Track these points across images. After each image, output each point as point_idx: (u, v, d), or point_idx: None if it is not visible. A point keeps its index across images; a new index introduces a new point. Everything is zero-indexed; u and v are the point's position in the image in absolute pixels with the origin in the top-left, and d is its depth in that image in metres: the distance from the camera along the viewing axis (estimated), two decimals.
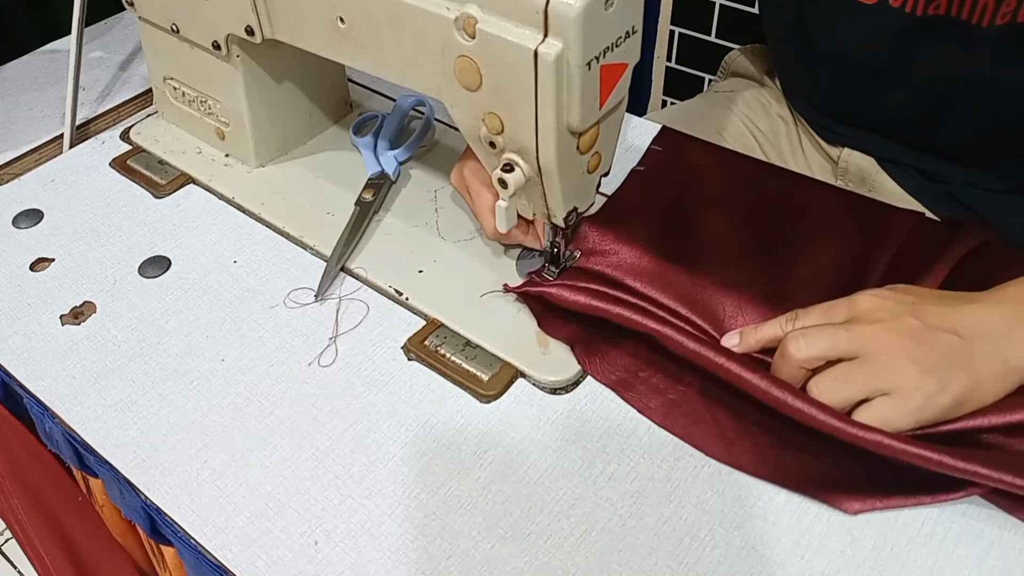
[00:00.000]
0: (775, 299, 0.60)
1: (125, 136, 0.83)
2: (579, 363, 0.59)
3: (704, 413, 0.56)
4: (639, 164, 0.73)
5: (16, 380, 0.62)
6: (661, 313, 0.59)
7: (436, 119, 0.81)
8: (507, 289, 0.63)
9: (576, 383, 0.60)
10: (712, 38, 1.32)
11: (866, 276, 0.62)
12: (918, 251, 0.63)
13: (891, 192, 0.82)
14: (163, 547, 0.61)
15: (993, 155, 0.76)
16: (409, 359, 0.62)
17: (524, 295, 0.63)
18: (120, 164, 0.79)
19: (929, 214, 0.76)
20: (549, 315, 0.62)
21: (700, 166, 0.73)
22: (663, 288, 0.61)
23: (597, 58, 0.50)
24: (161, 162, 0.79)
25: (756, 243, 0.65)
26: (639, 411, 0.57)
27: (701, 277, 0.62)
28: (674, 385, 0.58)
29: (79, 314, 0.66)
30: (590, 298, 0.60)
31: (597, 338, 0.60)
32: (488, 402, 0.59)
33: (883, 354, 0.51)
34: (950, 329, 0.51)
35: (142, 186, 0.77)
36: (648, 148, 0.75)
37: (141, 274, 0.69)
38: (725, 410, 0.56)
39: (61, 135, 0.83)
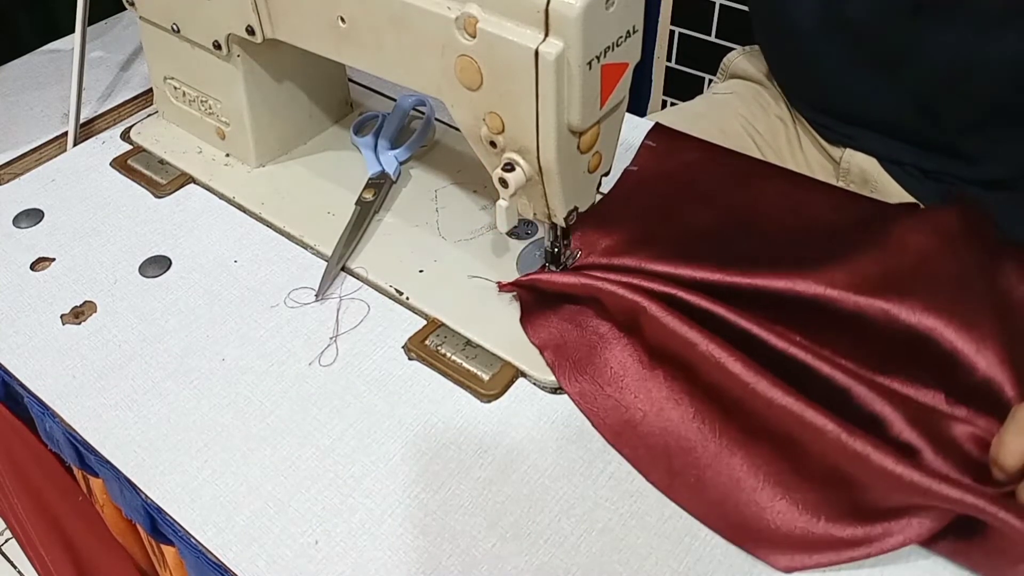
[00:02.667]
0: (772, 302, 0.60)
1: (125, 136, 0.83)
2: (549, 367, 0.59)
3: (657, 440, 0.55)
4: (632, 164, 0.73)
5: (16, 380, 0.62)
6: (652, 286, 0.58)
7: (436, 119, 0.81)
8: (501, 287, 0.63)
9: None
10: (712, 38, 1.32)
11: None
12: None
13: (893, 193, 0.82)
14: (163, 546, 0.61)
15: (995, 140, 0.76)
16: (409, 359, 0.62)
17: (515, 285, 0.63)
18: (120, 164, 0.79)
19: None
20: (533, 312, 0.62)
21: (693, 163, 0.72)
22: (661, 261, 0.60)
23: (598, 58, 0.50)
24: (161, 162, 0.79)
25: (750, 243, 0.65)
26: (593, 425, 0.57)
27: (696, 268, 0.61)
28: (636, 406, 0.57)
29: (79, 314, 0.66)
30: (580, 278, 0.59)
31: (571, 345, 0.60)
32: (488, 402, 0.59)
33: None
34: None
35: (142, 186, 0.77)
36: (641, 144, 0.74)
37: (141, 274, 0.69)
38: (679, 445, 0.55)
39: (62, 135, 0.83)
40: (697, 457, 0.55)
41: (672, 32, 1.34)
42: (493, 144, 0.56)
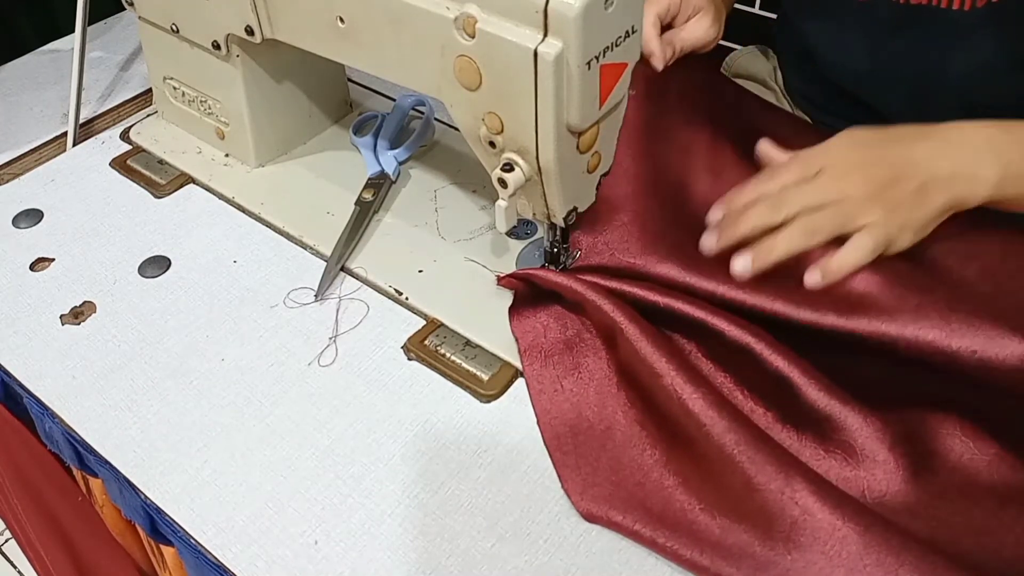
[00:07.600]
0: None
1: (125, 136, 0.83)
2: (519, 353, 0.59)
3: (592, 452, 0.55)
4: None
5: (16, 380, 0.62)
6: (641, 293, 0.58)
7: (436, 119, 0.81)
8: (500, 281, 0.63)
9: None
10: None
11: None
12: None
13: None
14: (163, 547, 0.61)
15: None
16: (409, 359, 0.62)
17: (513, 277, 0.63)
18: (120, 164, 0.79)
19: None
20: (523, 305, 0.62)
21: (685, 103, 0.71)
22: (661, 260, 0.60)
23: (597, 57, 0.50)
24: (161, 162, 0.79)
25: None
26: (537, 420, 0.57)
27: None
28: (587, 416, 0.57)
29: (79, 314, 0.66)
30: (572, 281, 0.59)
31: (549, 340, 0.60)
32: (488, 402, 0.59)
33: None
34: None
35: (142, 186, 0.77)
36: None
37: (141, 274, 0.69)
38: (612, 463, 0.55)
39: (61, 135, 0.83)
40: (628, 475, 0.54)
41: None
42: (492, 144, 0.56)
